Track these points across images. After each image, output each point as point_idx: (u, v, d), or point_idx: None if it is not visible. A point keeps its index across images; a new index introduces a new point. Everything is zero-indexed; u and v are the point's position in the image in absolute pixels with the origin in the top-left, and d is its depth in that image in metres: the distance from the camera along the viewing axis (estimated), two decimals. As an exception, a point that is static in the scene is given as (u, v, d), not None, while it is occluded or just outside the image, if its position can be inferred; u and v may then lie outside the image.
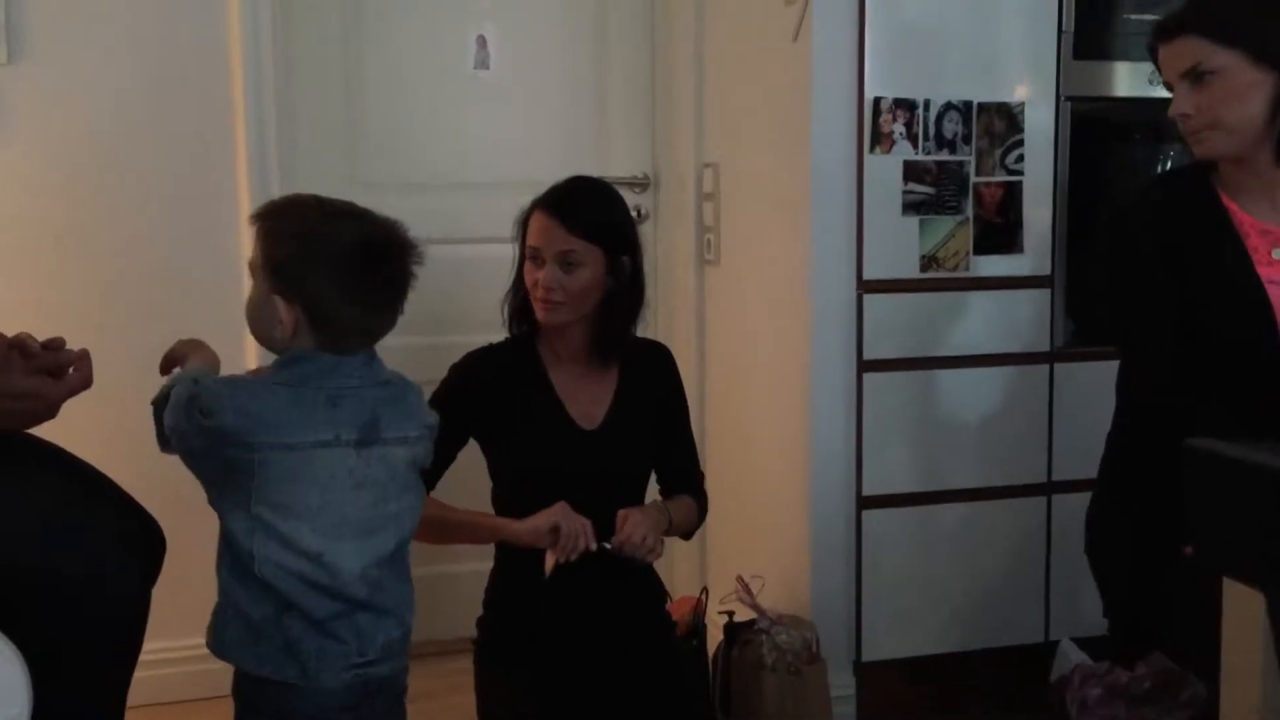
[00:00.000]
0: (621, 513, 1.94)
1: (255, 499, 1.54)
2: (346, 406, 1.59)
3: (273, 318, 1.58)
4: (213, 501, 1.59)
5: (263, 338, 1.64)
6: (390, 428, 1.63)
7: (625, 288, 2.03)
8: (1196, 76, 1.84)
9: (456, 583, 2.48)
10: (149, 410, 1.59)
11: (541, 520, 1.90)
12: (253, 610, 1.56)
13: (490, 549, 2.09)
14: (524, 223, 2.02)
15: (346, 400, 1.59)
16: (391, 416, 1.63)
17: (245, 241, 2.55)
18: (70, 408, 1.61)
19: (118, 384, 1.81)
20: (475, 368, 2.06)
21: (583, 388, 2.06)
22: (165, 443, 1.58)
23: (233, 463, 1.54)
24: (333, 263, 1.57)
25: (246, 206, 2.56)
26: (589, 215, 1.99)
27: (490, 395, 2.02)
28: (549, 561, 1.89)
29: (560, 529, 1.88)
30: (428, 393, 2.04)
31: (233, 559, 1.57)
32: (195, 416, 1.52)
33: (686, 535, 2.19)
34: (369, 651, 1.59)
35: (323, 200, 1.64)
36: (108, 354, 1.75)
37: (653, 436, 2.11)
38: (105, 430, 2.11)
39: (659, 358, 2.16)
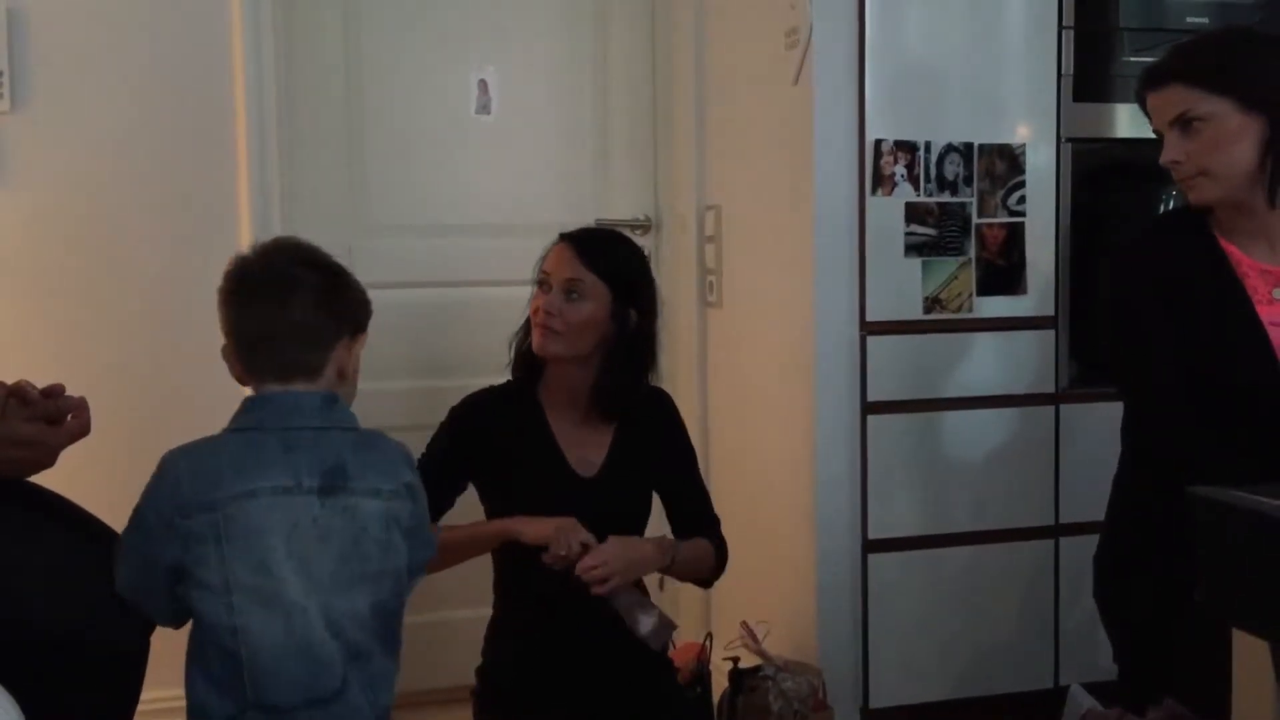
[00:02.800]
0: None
1: (229, 560, 1.47)
2: (304, 450, 1.51)
3: None
4: (182, 607, 1.53)
5: None
6: (360, 477, 1.53)
7: (628, 340, 2.02)
8: (1185, 124, 1.84)
9: (455, 630, 2.46)
10: (146, 467, 1.57)
11: (546, 525, 1.89)
12: (215, 710, 1.50)
13: (489, 596, 2.07)
14: (544, 256, 2.04)
15: (303, 443, 1.52)
16: (362, 466, 1.54)
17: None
18: (68, 456, 1.60)
19: (116, 431, 1.80)
20: (474, 410, 2.05)
21: (581, 434, 2.04)
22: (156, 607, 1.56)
23: (194, 536, 1.48)
24: (225, 281, 1.58)
25: (249, 252, 2.57)
26: (604, 253, 2.01)
27: (488, 438, 2.01)
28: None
29: (559, 530, 1.86)
30: (428, 435, 2.04)
31: (205, 655, 1.51)
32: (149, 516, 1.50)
33: (702, 580, 2.14)
34: None
35: None
36: (107, 402, 1.74)
37: (651, 484, 2.09)
38: (104, 478, 2.09)
39: (659, 404, 2.15)
